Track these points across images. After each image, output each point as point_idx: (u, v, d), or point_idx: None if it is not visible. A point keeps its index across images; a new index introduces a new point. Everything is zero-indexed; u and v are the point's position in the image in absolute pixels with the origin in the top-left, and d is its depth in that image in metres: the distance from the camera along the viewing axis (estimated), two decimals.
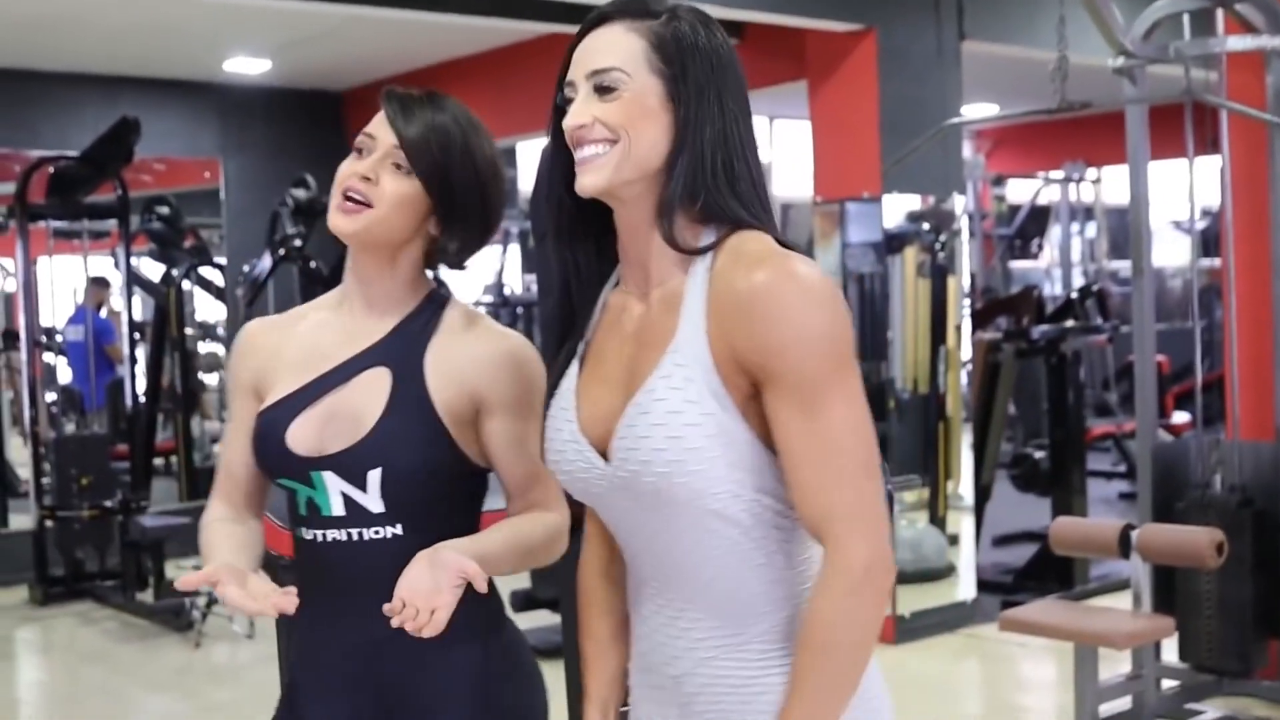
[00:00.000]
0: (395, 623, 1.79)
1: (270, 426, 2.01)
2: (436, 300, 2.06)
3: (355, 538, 1.97)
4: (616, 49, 1.65)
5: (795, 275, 1.57)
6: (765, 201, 1.69)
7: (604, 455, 1.68)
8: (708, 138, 1.64)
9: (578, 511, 1.94)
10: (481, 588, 1.82)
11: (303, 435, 1.98)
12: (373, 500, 1.95)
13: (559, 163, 1.73)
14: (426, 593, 1.79)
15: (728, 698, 1.68)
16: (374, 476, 1.94)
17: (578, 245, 1.77)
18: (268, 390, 2.06)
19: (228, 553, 1.99)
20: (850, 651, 1.59)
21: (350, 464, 1.95)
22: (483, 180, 2.00)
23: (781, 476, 1.61)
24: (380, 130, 1.98)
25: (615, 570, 1.84)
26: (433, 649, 1.95)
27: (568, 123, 1.67)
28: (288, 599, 1.83)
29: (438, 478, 1.96)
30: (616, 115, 1.63)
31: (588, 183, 1.65)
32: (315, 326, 2.09)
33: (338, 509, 1.97)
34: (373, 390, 1.98)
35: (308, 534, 2.01)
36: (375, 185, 1.95)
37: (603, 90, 1.65)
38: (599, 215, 1.72)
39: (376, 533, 1.96)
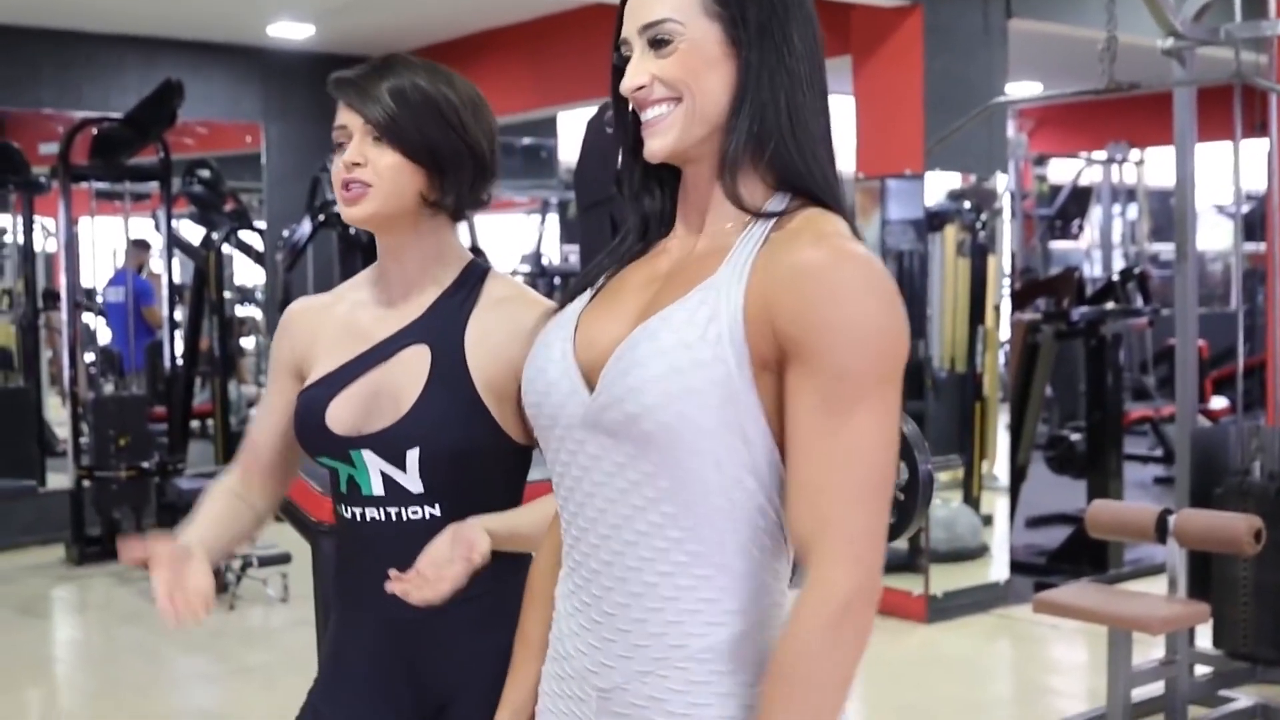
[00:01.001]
0: (396, 588, 1.79)
1: (310, 405, 2.01)
2: (475, 273, 2.04)
3: (394, 517, 1.96)
4: None
5: (862, 260, 1.43)
6: (834, 162, 1.55)
7: (591, 388, 1.52)
8: (773, 82, 1.50)
9: None
10: (478, 562, 1.82)
11: (342, 414, 1.98)
12: (411, 480, 1.94)
13: (624, 123, 1.62)
14: (439, 563, 1.80)
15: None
16: (412, 456, 1.93)
17: (649, 203, 1.63)
18: (309, 370, 2.07)
19: (201, 529, 2.02)
20: (826, 690, 1.41)
21: (389, 443, 1.94)
22: (456, 124, 1.97)
23: (776, 468, 1.46)
24: (347, 118, 1.98)
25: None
26: (464, 633, 1.97)
27: (625, 85, 1.54)
28: (189, 613, 1.81)
29: (477, 457, 1.94)
30: (675, 70, 1.51)
31: (656, 146, 1.53)
32: (354, 306, 2.09)
33: (377, 488, 1.96)
34: (412, 368, 1.97)
35: (347, 512, 2.01)
36: (366, 166, 1.95)
37: (657, 44, 1.52)
38: (671, 174, 1.61)
39: (415, 512, 1.96)
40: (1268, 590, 5.13)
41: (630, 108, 1.59)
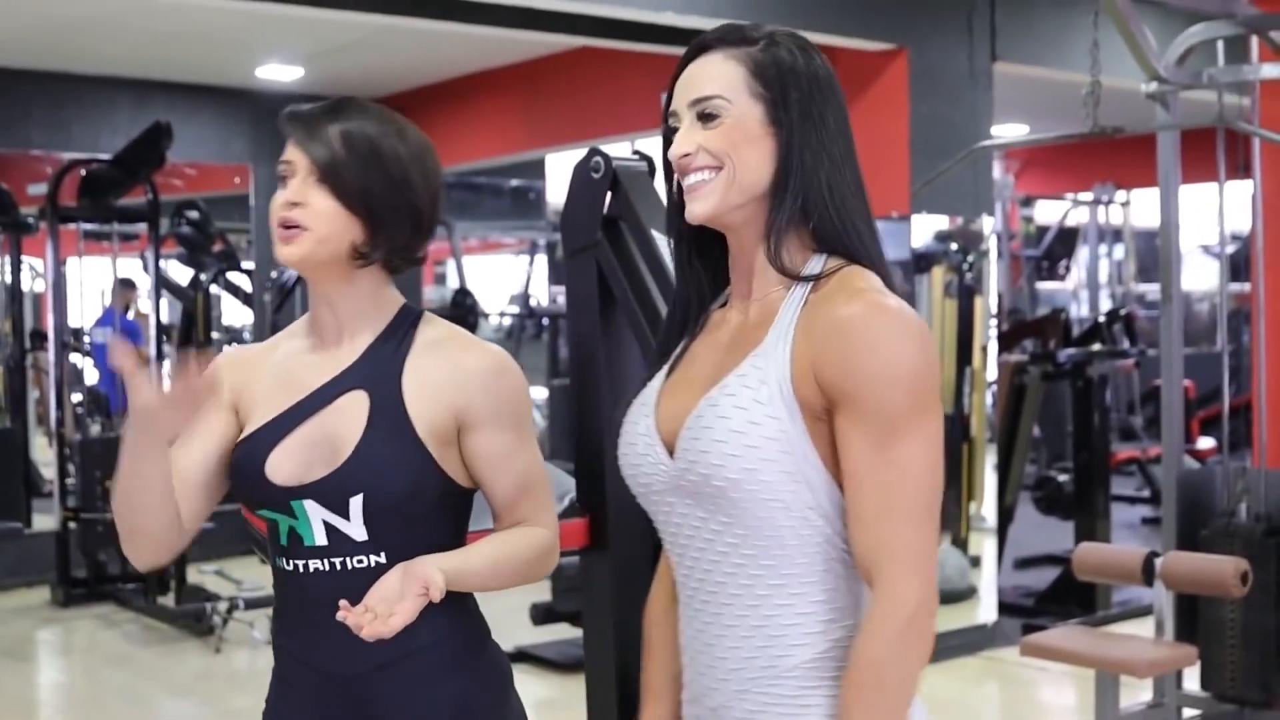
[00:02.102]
0: (348, 619, 1.77)
1: (248, 457, 1.96)
2: (408, 317, 2.01)
3: (338, 567, 1.92)
4: (717, 77, 1.69)
5: (891, 310, 1.60)
6: (871, 224, 1.72)
7: (671, 453, 1.70)
8: (814, 160, 1.67)
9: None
10: (436, 598, 1.80)
11: (282, 464, 1.94)
12: (355, 528, 1.91)
13: (676, 195, 1.77)
14: (390, 600, 1.79)
15: None
16: (356, 503, 1.90)
17: (703, 271, 1.80)
18: (244, 418, 2.01)
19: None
20: (896, 691, 1.60)
21: (331, 491, 1.91)
22: (399, 178, 1.94)
23: (839, 505, 1.62)
24: (293, 154, 1.94)
25: (676, 610, 1.83)
26: (415, 687, 1.94)
27: (672, 152, 1.71)
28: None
29: (421, 501, 1.92)
30: (719, 142, 1.67)
31: (697, 210, 1.69)
32: (286, 355, 2.04)
33: (320, 538, 1.92)
34: (351, 415, 1.94)
35: (288, 564, 1.96)
36: (305, 207, 1.92)
37: (705, 117, 1.68)
38: (717, 241, 1.77)
39: (360, 561, 1.92)
40: (1255, 632, 5.13)
41: (676, 178, 1.75)
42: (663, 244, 3.13)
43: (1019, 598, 7.33)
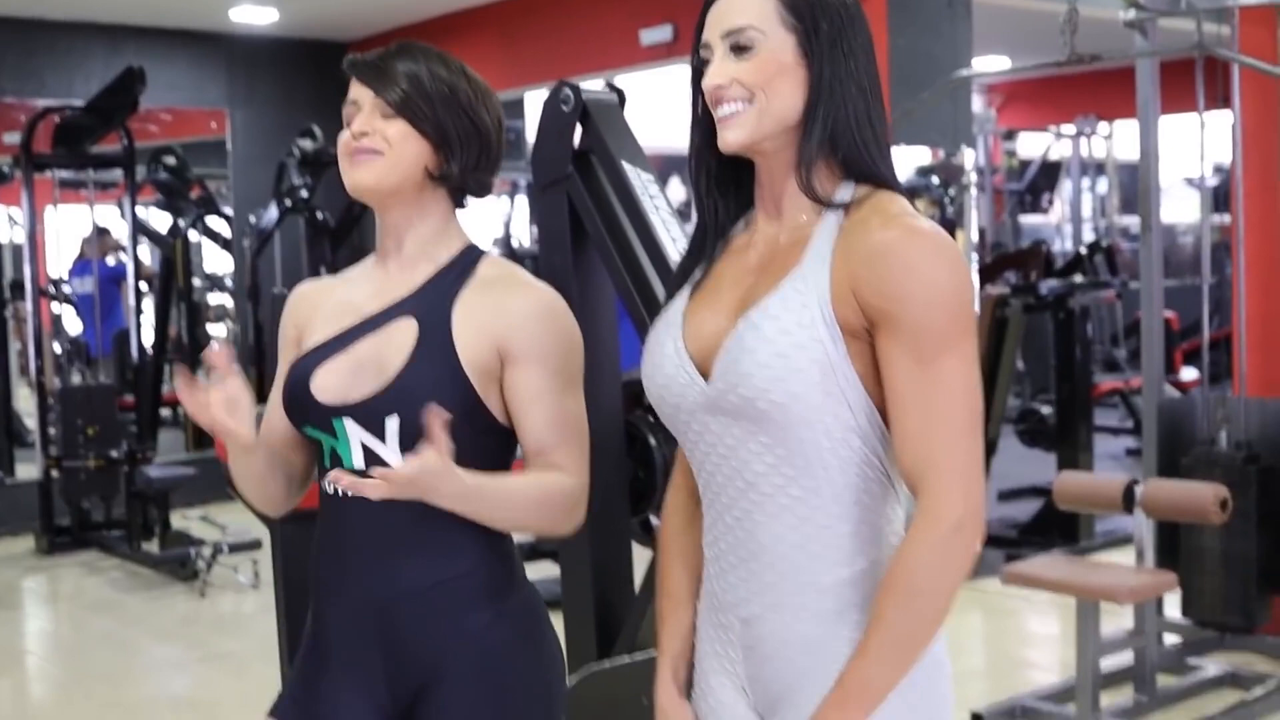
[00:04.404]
0: (343, 480, 1.81)
1: (298, 374, 2.02)
2: (471, 255, 2.05)
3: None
4: (749, 8, 1.70)
5: (927, 234, 1.63)
6: (889, 151, 1.75)
7: (704, 375, 1.72)
8: (843, 90, 1.69)
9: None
10: (433, 464, 1.77)
11: (328, 383, 1.99)
12: (391, 452, 1.93)
13: (701, 123, 1.79)
14: (406, 478, 1.77)
15: (796, 654, 1.70)
16: (392, 425, 1.92)
17: (721, 199, 1.82)
18: (306, 340, 2.09)
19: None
20: (933, 600, 1.61)
21: (369, 412, 1.94)
22: (467, 106, 2.01)
23: (877, 425, 1.65)
24: (358, 93, 2.01)
25: (697, 522, 1.84)
26: (445, 614, 1.96)
27: (707, 83, 1.72)
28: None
29: (458, 431, 1.89)
30: (753, 73, 1.69)
31: (731, 138, 1.71)
32: (351, 285, 2.11)
33: (358, 460, 1.96)
34: (399, 340, 1.97)
35: (329, 487, 2.00)
36: (375, 135, 1.97)
37: (739, 49, 1.70)
38: (740, 169, 1.79)
39: None
40: (1235, 558, 5.16)
41: (703, 107, 1.77)
42: (634, 177, 3.11)
43: (1002, 529, 7.35)
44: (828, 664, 1.67)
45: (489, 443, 1.99)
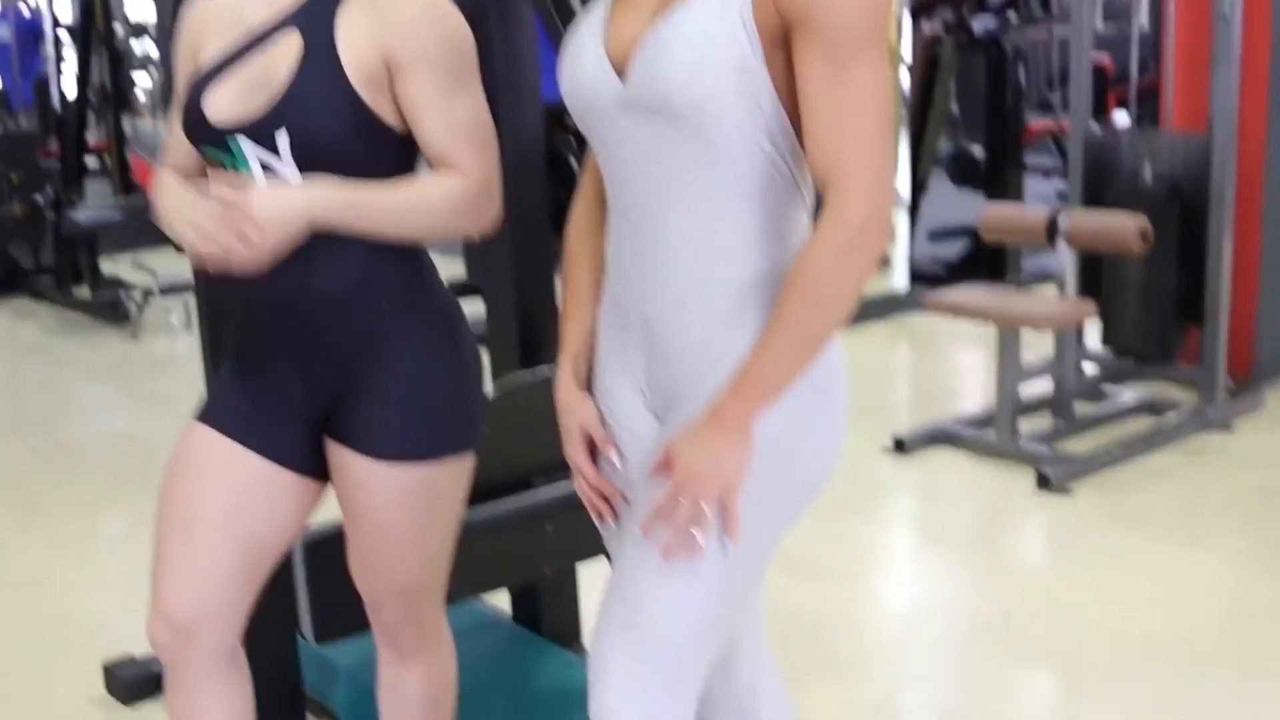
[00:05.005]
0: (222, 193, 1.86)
1: (193, 97, 1.99)
2: None
3: None
4: None
5: None
6: None
7: (621, 76, 1.71)
8: None
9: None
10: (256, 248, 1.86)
11: (219, 103, 1.96)
12: (287, 166, 1.93)
13: None
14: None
15: (693, 354, 1.73)
16: (283, 140, 1.92)
17: None
18: (201, 53, 2.05)
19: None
20: (833, 298, 1.63)
21: (259, 128, 1.93)
22: None
23: (787, 131, 1.65)
24: None
25: (603, 226, 1.86)
26: (358, 320, 1.99)
27: None
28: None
29: (349, 141, 1.92)
30: None
31: None
32: None
33: (258, 177, 1.95)
34: (284, 54, 1.95)
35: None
36: None
37: None
38: None
39: None
40: (1155, 290, 5.25)
41: None
42: None
43: (932, 268, 7.43)
44: (723, 365, 1.69)
45: (388, 153, 1.97)
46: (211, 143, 1.98)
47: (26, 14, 9.76)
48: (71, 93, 8.77)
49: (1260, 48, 5.27)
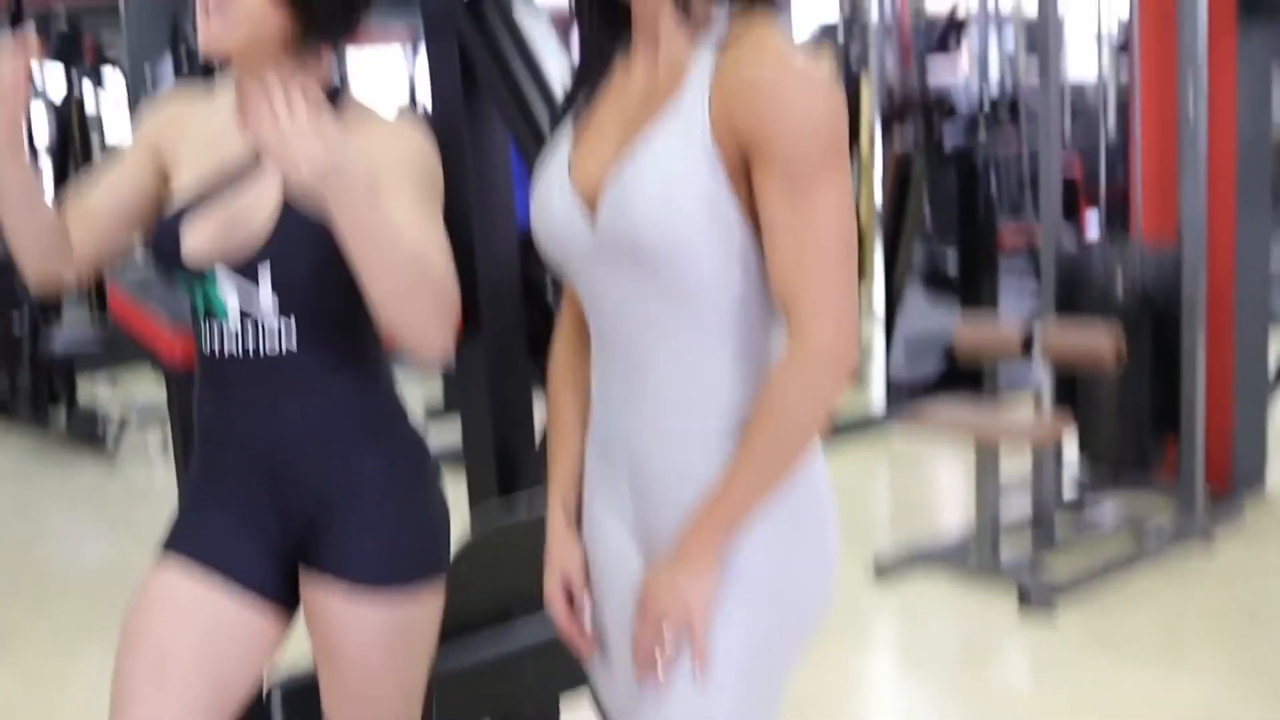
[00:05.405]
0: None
1: (166, 230, 2.00)
2: (333, 96, 2.01)
3: (251, 345, 1.98)
4: None
5: (801, 66, 1.61)
6: None
7: (591, 212, 1.72)
8: None
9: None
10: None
11: (199, 241, 1.98)
12: (265, 294, 1.95)
13: None
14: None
15: (678, 484, 1.72)
16: (264, 272, 1.94)
17: (603, 33, 1.80)
18: (170, 168, 2.06)
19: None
20: (795, 425, 1.63)
21: (242, 264, 1.95)
22: None
23: (759, 255, 1.66)
24: None
25: (585, 354, 1.87)
26: (331, 453, 2.00)
27: None
28: None
29: (329, 273, 1.92)
30: None
31: None
32: (217, 110, 2.07)
33: (231, 303, 1.97)
34: (267, 192, 1.96)
35: (205, 345, 2.02)
36: (232, 7, 1.90)
37: None
38: (619, 5, 1.76)
39: (271, 341, 1.97)
40: (1130, 402, 5.28)
41: None
42: (530, 20, 3.07)
43: (908, 381, 7.44)
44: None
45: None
46: (186, 277, 2.00)
47: None
48: None
49: (1226, 156, 5.32)
